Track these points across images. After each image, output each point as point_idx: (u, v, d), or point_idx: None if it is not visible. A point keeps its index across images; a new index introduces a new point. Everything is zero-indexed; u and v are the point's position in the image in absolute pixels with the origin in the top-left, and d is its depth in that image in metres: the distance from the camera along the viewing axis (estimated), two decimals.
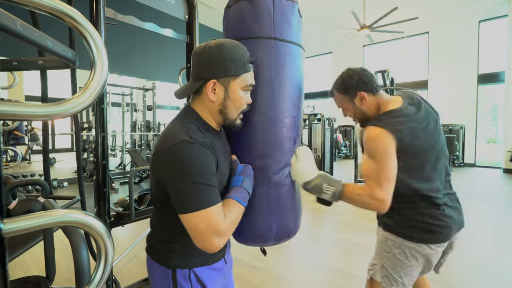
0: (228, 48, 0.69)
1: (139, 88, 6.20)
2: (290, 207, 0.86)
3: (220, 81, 0.70)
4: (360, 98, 1.02)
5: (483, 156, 8.60)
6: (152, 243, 0.79)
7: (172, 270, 0.73)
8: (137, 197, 1.57)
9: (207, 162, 0.64)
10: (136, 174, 5.11)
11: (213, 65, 0.69)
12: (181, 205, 0.63)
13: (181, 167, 0.62)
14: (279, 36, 0.80)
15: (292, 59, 0.83)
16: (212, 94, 0.70)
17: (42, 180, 1.28)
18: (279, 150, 0.81)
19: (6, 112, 0.34)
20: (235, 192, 0.71)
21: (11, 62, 0.96)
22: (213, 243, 0.63)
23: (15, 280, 0.88)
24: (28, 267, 2.18)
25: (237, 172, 0.75)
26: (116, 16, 1.32)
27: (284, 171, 0.84)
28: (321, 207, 3.89)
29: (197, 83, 0.71)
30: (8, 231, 0.36)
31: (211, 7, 7.00)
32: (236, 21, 0.82)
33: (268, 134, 0.80)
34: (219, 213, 0.64)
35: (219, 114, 0.73)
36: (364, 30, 6.21)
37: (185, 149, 0.62)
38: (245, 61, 0.71)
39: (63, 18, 0.40)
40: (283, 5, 0.81)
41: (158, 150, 0.66)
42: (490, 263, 2.23)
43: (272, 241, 0.84)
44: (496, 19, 7.25)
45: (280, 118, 0.81)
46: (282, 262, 2.31)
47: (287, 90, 0.82)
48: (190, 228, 0.63)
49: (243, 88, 0.72)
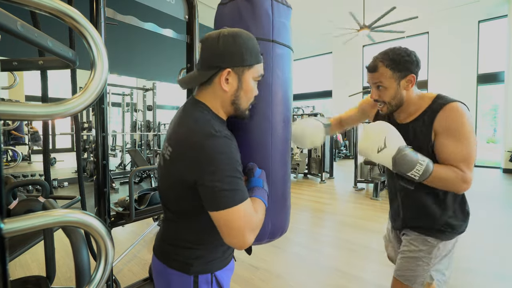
0: (243, 38, 0.67)
1: (139, 88, 6.20)
2: (284, 206, 0.88)
3: (234, 71, 0.67)
4: (408, 81, 0.92)
5: (483, 156, 8.60)
6: (167, 248, 0.74)
7: (194, 276, 0.70)
8: (137, 197, 1.57)
9: (234, 154, 0.63)
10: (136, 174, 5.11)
11: (229, 54, 0.66)
12: (216, 202, 0.60)
13: (211, 163, 0.59)
14: (277, 39, 0.82)
15: (286, 61, 0.85)
16: (225, 84, 0.67)
17: (43, 180, 1.28)
18: (276, 150, 0.82)
19: (6, 112, 0.35)
20: (259, 192, 0.70)
21: (12, 62, 0.97)
22: (246, 239, 0.61)
23: (16, 280, 0.88)
24: (28, 267, 2.18)
25: (256, 175, 0.74)
26: (116, 16, 1.32)
27: (281, 170, 0.85)
28: (321, 207, 3.89)
29: (208, 72, 0.67)
30: (8, 231, 0.36)
31: (211, 7, 7.00)
32: (233, 19, 0.82)
33: (265, 134, 0.81)
34: (251, 207, 0.63)
35: (231, 105, 0.70)
36: (364, 30, 6.21)
37: (212, 143, 0.60)
38: (258, 51, 0.70)
39: (63, 18, 0.40)
40: (280, 9, 0.83)
41: (181, 147, 0.63)
42: (490, 263, 2.23)
43: (266, 239, 0.85)
44: (496, 19, 7.25)
45: (276, 118, 0.82)
46: (282, 262, 2.31)
47: (282, 91, 0.84)
48: (224, 225, 0.60)
49: (255, 78, 0.71)
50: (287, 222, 0.90)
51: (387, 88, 0.94)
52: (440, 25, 7.88)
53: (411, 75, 0.92)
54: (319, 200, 4.26)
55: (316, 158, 5.86)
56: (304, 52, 10.90)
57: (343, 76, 10.03)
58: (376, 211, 3.66)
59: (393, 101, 0.96)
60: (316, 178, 5.87)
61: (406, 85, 0.93)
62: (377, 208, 3.82)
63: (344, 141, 9.85)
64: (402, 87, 0.94)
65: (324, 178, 5.65)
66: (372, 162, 4.80)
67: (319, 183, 5.53)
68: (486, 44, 7.45)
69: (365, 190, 4.88)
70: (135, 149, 5.03)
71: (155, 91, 5.78)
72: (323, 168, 5.70)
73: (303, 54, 11.02)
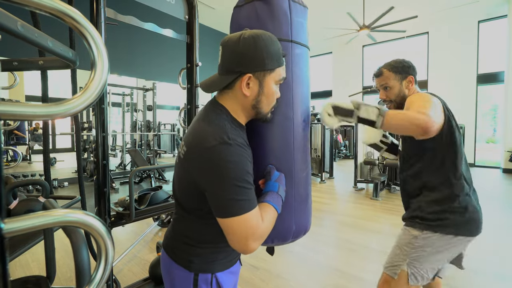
0: (265, 41, 0.65)
1: (139, 88, 6.19)
2: (307, 205, 0.88)
3: (255, 75, 0.66)
4: (409, 81, 1.15)
5: (483, 156, 8.60)
6: (173, 243, 0.76)
7: (195, 274, 0.71)
8: (137, 197, 1.57)
9: (245, 163, 0.63)
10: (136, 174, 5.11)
11: (249, 58, 0.65)
12: (221, 209, 0.61)
13: (221, 170, 0.60)
14: (295, 39, 0.82)
15: (304, 61, 0.86)
16: (246, 89, 0.67)
17: (43, 180, 1.28)
18: (298, 149, 0.83)
19: (6, 112, 0.35)
20: (272, 197, 0.69)
21: (12, 62, 0.97)
22: (250, 246, 0.62)
23: (16, 280, 0.88)
24: (29, 267, 2.18)
25: (273, 178, 0.73)
26: (116, 16, 1.32)
27: (304, 170, 0.85)
28: (321, 207, 3.89)
29: (230, 76, 0.67)
30: (8, 231, 0.36)
31: (211, 7, 6.99)
32: (251, 21, 0.81)
33: (287, 134, 0.81)
34: (258, 216, 0.63)
35: (252, 109, 0.70)
36: (364, 30, 6.22)
37: (224, 151, 0.60)
38: (280, 55, 0.69)
39: (64, 18, 0.40)
40: (298, 9, 0.84)
41: (192, 149, 0.64)
42: (490, 263, 2.23)
43: (290, 239, 0.86)
44: (496, 19, 7.25)
45: (297, 118, 0.82)
46: (282, 262, 2.31)
47: (302, 90, 0.85)
48: (229, 231, 0.62)
49: (277, 82, 0.70)
50: (309, 221, 0.91)
51: (392, 88, 1.17)
52: (440, 25, 7.89)
53: (410, 76, 1.16)
54: (319, 200, 4.26)
55: (316, 158, 5.86)
56: None
57: (343, 76, 10.04)
58: (376, 211, 3.66)
59: (398, 98, 1.17)
60: (316, 178, 5.88)
61: (407, 85, 1.16)
62: (377, 208, 3.82)
63: (344, 141, 9.85)
64: (404, 87, 1.16)
65: (324, 178, 5.65)
66: (372, 162, 4.80)
67: (319, 183, 5.53)
68: (486, 44, 7.46)
69: (365, 190, 4.88)
70: (135, 149, 5.03)
71: (155, 91, 5.78)
72: (323, 168, 5.70)
73: None
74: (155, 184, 4.65)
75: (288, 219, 0.82)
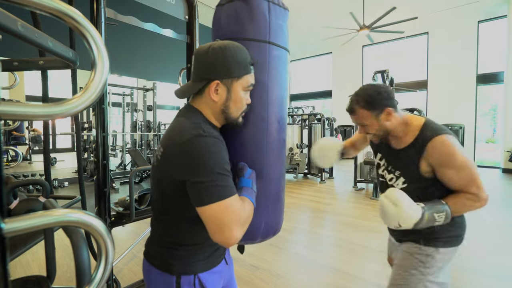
0: (231, 50, 0.70)
1: (139, 88, 6.20)
2: (278, 205, 0.88)
3: (223, 82, 0.71)
4: (386, 114, 0.98)
5: (483, 156, 8.60)
6: (152, 248, 0.77)
7: (177, 276, 0.71)
8: (138, 197, 1.57)
9: (222, 153, 0.66)
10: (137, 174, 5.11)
11: (217, 66, 0.70)
12: (203, 196, 0.62)
13: (199, 160, 0.62)
14: (273, 41, 0.82)
15: (282, 63, 0.86)
16: (214, 94, 0.71)
17: (43, 180, 1.28)
18: (271, 150, 0.83)
19: (7, 112, 0.35)
20: (247, 192, 0.71)
21: (12, 63, 0.97)
22: (234, 234, 0.61)
23: (16, 280, 0.88)
24: (29, 267, 2.18)
25: (246, 175, 0.75)
26: (117, 16, 1.32)
27: (277, 170, 0.85)
28: (321, 207, 3.89)
29: (199, 83, 0.72)
30: (9, 231, 0.36)
31: (211, 7, 7.00)
32: (230, 20, 0.82)
33: (261, 134, 0.82)
34: (239, 202, 0.65)
35: (221, 114, 0.74)
36: (364, 30, 6.22)
37: (201, 142, 0.63)
38: (247, 63, 0.72)
39: (64, 18, 0.40)
40: (277, 12, 0.83)
41: (170, 146, 0.66)
42: (490, 263, 2.23)
43: (259, 238, 0.85)
44: (496, 19, 7.25)
45: (272, 119, 0.83)
46: (282, 262, 2.31)
47: (278, 92, 0.85)
48: (212, 220, 0.61)
49: (244, 88, 0.74)
50: (280, 222, 0.90)
51: (370, 125, 1.02)
52: (440, 25, 7.89)
53: (387, 109, 0.98)
54: (319, 200, 4.26)
55: None
56: (304, 52, 10.89)
57: (343, 76, 10.04)
58: (376, 211, 3.66)
59: (380, 132, 1.03)
60: (316, 178, 5.87)
61: (386, 118, 0.99)
62: (377, 208, 3.81)
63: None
64: (383, 120, 1.00)
65: (324, 178, 5.65)
66: (372, 162, 4.80)
67: (319, 183, 5.53)
68: (485, 44, 7.46)
69: (365, 190, 4.88)
70: (135, 149, 5.03)
71: (155, 91, 5.78)
72: (323, 168, 5.70)
73: (303, 54, 11.01)
74: None
75: (256, 218, 0.80)
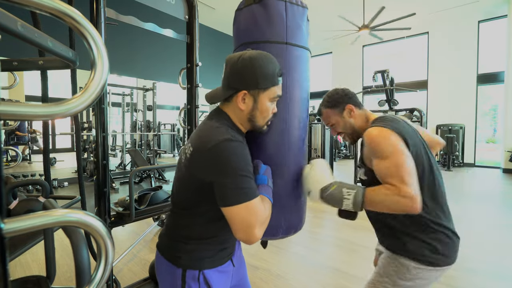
0: (260, 62, 0.73)
1: (139, 88, 6.19)
2: (298, 203, 0.89)
3: (250, 93, 0.74)
4: (349, 111, 1.04)
5: (483, 156, 8.60)
6: (163, 240, 0.81)
7: (183, 270, 0.75)
8: (137, 197, 1.57)
9: (247, 157, 0.70)
10: (136, 174, 5.11)
11: (245, 77, 0.73)
12: (229, 198, 0.66)
13: (227, 163, 0.66)
14: (291, 41, 0.83)
15: (302, 63, 0.86)
16: (242, 103, 0.75)
17: (43, 180, 1.28)
18: (292, 150, 0.85)
19: (6, 112, 0.35)
20: (264, 189, 0.74)
21: (12, 62, 0.97)
22: (255, 233, 0.65)
23: (16, 280, 0.88)
24: (29, 267, 2.18)
25: (261, 171, 0.78)
26: (117, 16, 1.32)
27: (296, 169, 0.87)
28: (321, 207, 3.89)
29: (228, 91, 0.75)
30: (8, 231, 0.36)
31: (212, 7, 6.99)
32: (248, 24, 0.84)
33: (282, 135, 0.83)
34: (261, 203, 0.69)
35: (248, 122, 0.78)
36: (364, 30, 6.21)
37: (229, 147, 0.67)
38: (274, 75, 0.75)
39: (64, 18, 0.40)
40: (295, 11, 0.84)
41: (199, 149, 0.70)
42: (490, 263, 2.23)
43: (280, 234, 0.87)
44: (496, 19, 7.25)
45: (292, 120, 0.84)
46: (282, 262, 2.31)
47: (298, 93, 0.86)
48: (236, 219, 0.66)
49: (271, 99, 0.77)
50: (301, 219, 0.91)
51: (335, 124, 1.08)
52: (440, 25, 7.88)
53: (348, 105, 1.04)
54: None
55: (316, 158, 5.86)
56: None
57: (343, 76, 10.03)
58: None
59: (347, 130, 1.07)
60: None
61: (349, 114, 1.05)
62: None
63: (344, 141, 9.84)
64: (347, 117, 1.05)
65: None
66: None
67: None
68: (486, 44, 7.46)
69: None
70: (135, 149, 5.03)
71: (155, 91, 5.77)
72: None
73: None
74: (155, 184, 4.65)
75: (277, 215, 0.82)
